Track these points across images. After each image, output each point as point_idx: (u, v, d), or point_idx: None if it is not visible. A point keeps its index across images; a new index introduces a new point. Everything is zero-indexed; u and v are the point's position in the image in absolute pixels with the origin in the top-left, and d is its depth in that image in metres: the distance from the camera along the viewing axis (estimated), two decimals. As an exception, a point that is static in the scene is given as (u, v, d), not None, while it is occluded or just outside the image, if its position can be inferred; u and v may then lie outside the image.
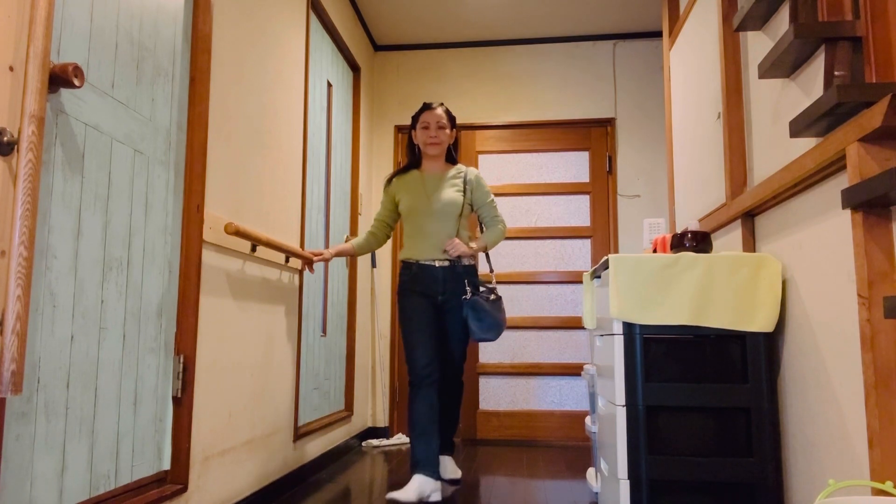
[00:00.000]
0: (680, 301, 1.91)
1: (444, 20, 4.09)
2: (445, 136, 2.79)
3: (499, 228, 2.83)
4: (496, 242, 2.84)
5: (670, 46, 3.21)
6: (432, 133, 2.76)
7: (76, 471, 1.51)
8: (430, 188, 2.77)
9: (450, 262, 2.72)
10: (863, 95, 1.41)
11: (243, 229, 2.15)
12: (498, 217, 2.84)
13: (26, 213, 1.21)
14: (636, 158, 4.16)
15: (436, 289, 2.71)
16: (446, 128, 2.79)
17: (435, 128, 2.77)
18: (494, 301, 2.69)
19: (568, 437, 4.03)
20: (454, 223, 2.74)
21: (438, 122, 2.77)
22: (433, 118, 2.78)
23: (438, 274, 2.72)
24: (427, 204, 2.73)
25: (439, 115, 2.79)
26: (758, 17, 1.99)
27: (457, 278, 2.72)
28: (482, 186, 2.83)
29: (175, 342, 1.93)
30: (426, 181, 2.79)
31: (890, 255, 1.38)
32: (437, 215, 2.72)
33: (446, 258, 2.71)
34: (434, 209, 2.72)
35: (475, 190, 2.81)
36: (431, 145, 2.77)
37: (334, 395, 3.51)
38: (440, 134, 2.77)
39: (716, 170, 2.46)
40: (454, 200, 2.73)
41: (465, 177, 2.80)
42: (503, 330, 2.73)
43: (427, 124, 2.78)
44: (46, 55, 1.28)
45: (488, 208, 2.83)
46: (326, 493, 2.71)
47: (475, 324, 2.64)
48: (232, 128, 2.24)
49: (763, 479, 1.83)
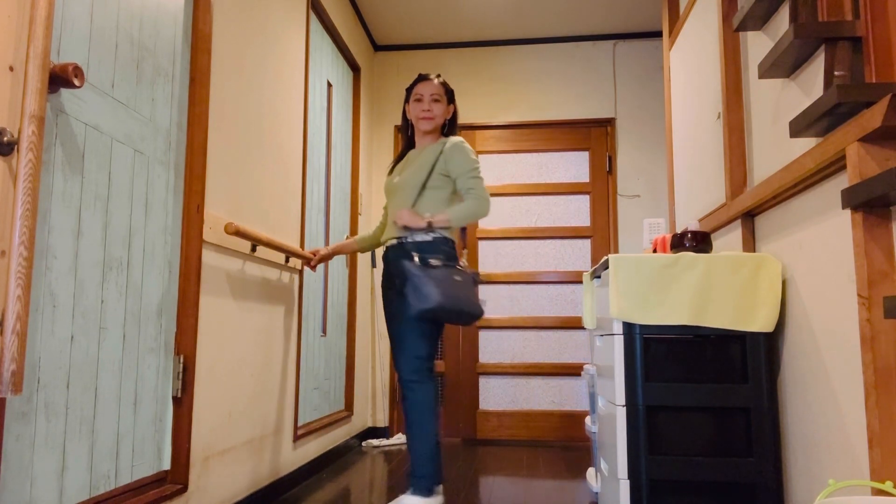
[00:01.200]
0: (680, 301, 1.91)
1: (444, 20, 4.09)
2: (440, 111, 2.47)
3: (474, 202, 2.34)
4: (464, 219, 2.33)
5: (670, 46, 3.21)
6: (425, 106, 2.45)
7: (76, 471, 1.51)
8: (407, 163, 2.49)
9: (398, 239, 2.36)
10: (863, 95, 1.41)
11: (243, 229, 2.15)
12: (473, 190, 2.35)
13: (26, 213, 1.21)
14: (636, 158, 4.16)
15: (391, 272, 2.40)
16: (441, 101, 2.47)
17: (429, 100, 2.46)
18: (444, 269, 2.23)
19: (568, 437, 4.03)
20: (415, 195, 2.38)
21: (433, 94, 2.46)
22: (428, 89, 2.47)
23: (389, 255, 2.42)
24: (394, 177, 2.47)
25: (435, 86, 2.47)
26: (758, 17, 1.99)
27: (405, 256, 2.32)
28: (459, 153, 2.37)
29: (175, 342, 1.93)
30: (409, 158, 2.51)
31: (890, 255, 1.38)
32: (398, 191, 2.42)
33: (394, 235, 2.37)
34: (396, 185, 2.43)
35: (449, 159, 2.37)
36: (424, 120, 2.46)
37: (334, 395, 3.51)
38: (434, 107, 2.46)
39: (716, 170, 2.46)
40: (419, 169, 2.38)
41: (443, 146, 2.41)
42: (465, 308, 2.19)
43: (420, 96, 2.47)
44: (46, 55, 1.28)
45: (463, 179, 2.36)
46: (326, 493, 2.71)
47: (410, 294, 2.20)
48: (232, 128, 2.24)
49: (763, 479, 1.83)
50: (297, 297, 2.86)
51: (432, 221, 2.29)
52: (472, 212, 2.34)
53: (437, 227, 2.30)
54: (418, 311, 2.17)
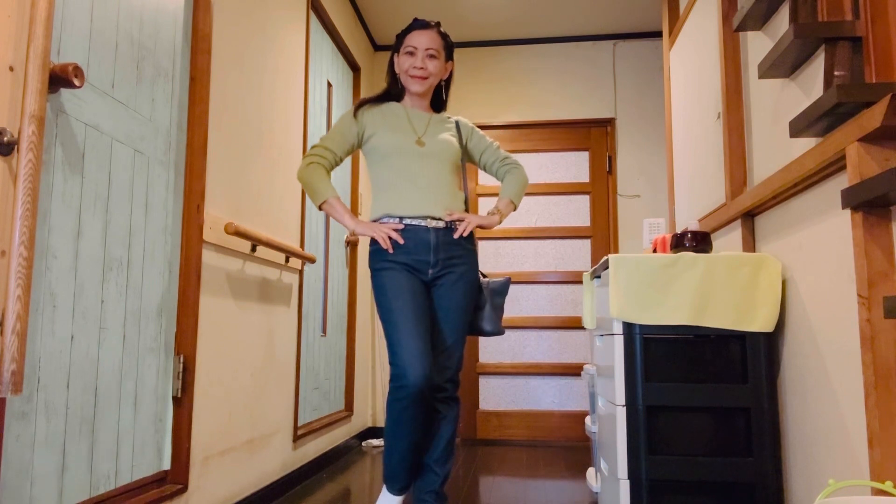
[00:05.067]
0: (680, 301, 1.90)
1: (444, 20, 4.09)
2: (436, 69, 2.07)
3: (519, 171, 2.16)
4: (523, 191, 2.17)
5: (670, 46, 3.21)
6: (418, 63, 2.04)
7: (76, 471, 1.51)
8: (417, 126, 2.09)
9: (446, 224, 2.04)
10: (863, 95, 1.41)
11: (243, 229, 2.15)
12: (509, 159, 2.17)
13: (26, 213, 1.21)
14: (636, 158, 4.16)
15: (426, 260, 2.00)
16: (439, 57, 2.07)
17: (423, 55, 2.05)
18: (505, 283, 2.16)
19: (568, 437, 4.03)
20: (451, 173, 2.09)
21: (429, 48, 2.04)
22: (423, 41, 2.04)
23: (430, 238, 2.01)
24: (417, 143, 2.05)
25: (432, 37, 2.05)
26: (758, 17, 1.99)
27: (454, 248, 2.03)
28: (477, 131, 2.20)
29: (175, 342, 1.93)
30: (411, 117, 2.10)
31: (890, 255, 1.38)
32: (431, 158, 2.04)
33: (442, 219, 2.03)
34: (427, 150, 2.04)
35: (471, 136, 2.17)
36: (416, 79, 2.06)
37: (334, 395, 3.51)
38: (429, 65, 2.05)
39: (716, 170, 2.46)
40: (451, 143, 2.09)
41: (457, 122, 2.17)
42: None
43: (413, 49, 2.05)
44: (46, 55, 1.28)
45: (491, 151, 2.17)
46: (326, 493, 2.71)
47: (494, 313, 2.08)
48: (232, 128, 2.24)
49: (763, 479, 1.83)
50: (297, 297, 2.86)
51: (504, 214, 2.13)
52: (524, 182, 2.17)
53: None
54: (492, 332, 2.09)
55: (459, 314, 2.04)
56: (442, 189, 2.05)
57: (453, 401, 2.06)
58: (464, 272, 2.05)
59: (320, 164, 2.07)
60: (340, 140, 2.10)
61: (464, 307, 2.05)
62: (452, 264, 2.03)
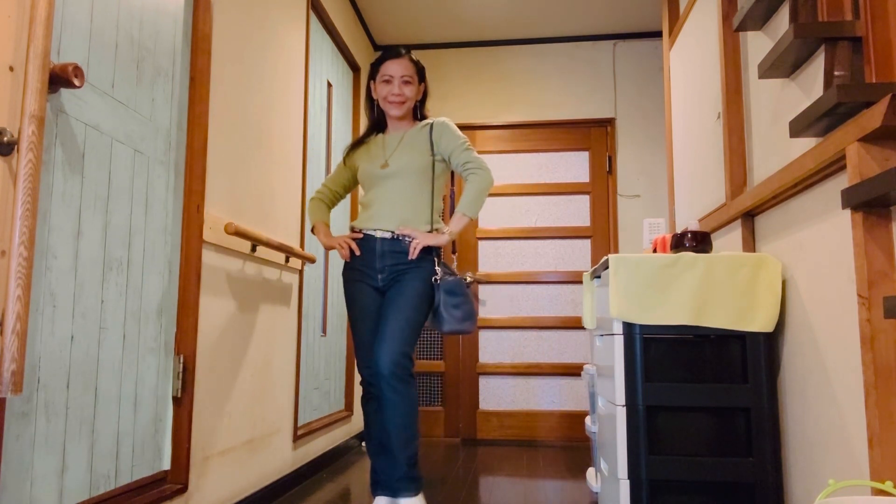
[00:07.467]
0: (680, 301, 1.90)
1: (444, 20, 4.09)
2: (412, 93, 2.26)
3: (477, 178, 2.19)
4: (480, 200, 2.21)
5: (670, 46, 3.21)
6: (395, 90, 2.23)
7: (76, 471, 1.51)
8: (388, 149, 2.27)
9: (393, 235, 2.20)
10: (863, 95, 1.41)
11: (243, 229, 2.15)
12: (470, 163, 2.20)
13: (26, 213, 1.21)
14: (636, 158, 4.16)
15: (374, 265, 2.20)
16: (413, 82, 2.26)
17: (399, 83, 2.23)
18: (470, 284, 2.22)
19: (568, 437, 4.03)
20: (417, 185, 2.23)
21: (404, 75, 2.23)
22: (398, 70, 2.23)
23: (376, 246, 2.20)
24: (382, 164, 2.24)
25: (406, 65, 2.24)
26: (758, 17, 1.99)
27: (400, 256, 2.18)
28: (446, 129, 2.26)
29: (175, 342, 1.93)
30: (386, 143, 2.30)
31: (890, 255, 1.38)
32: (393, 178, 2.22)
33: (386, 228, 2.20)
34: (390, 171, 2.22)
35: (441, 136, 2.24)
36: (394, 104, 2.25)
37: (334, 395, 3.51)
38: (405, 90, 2.24)
39: (716, 170, 2.46)
40: (416, 157, 2.23)
41: (430, 126, 2.28)
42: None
43: (389, 78, 2.24)
44: (46, 55, 1.28)
45: (457, 153, 2.22)
46: (326, 493, 2.71)
47: (451, 311, 2.15)
48: (232, 128, 2.24)
49: (763, 479, 1.83)
50: (297, 297, 2.86)
51: (453, 232, 2.20)
52: (482, 189, 2.20)
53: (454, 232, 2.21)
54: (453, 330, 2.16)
55: (399, 305, 2.14)
56: (400, 204, 2.22)
57: (401, 383, 2.07)
58: (411, 279, 2.18)
59: (318, 199, 2.45)
60: (335, 179, 2.47)
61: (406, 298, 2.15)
62: (399, 271, 2.19)
